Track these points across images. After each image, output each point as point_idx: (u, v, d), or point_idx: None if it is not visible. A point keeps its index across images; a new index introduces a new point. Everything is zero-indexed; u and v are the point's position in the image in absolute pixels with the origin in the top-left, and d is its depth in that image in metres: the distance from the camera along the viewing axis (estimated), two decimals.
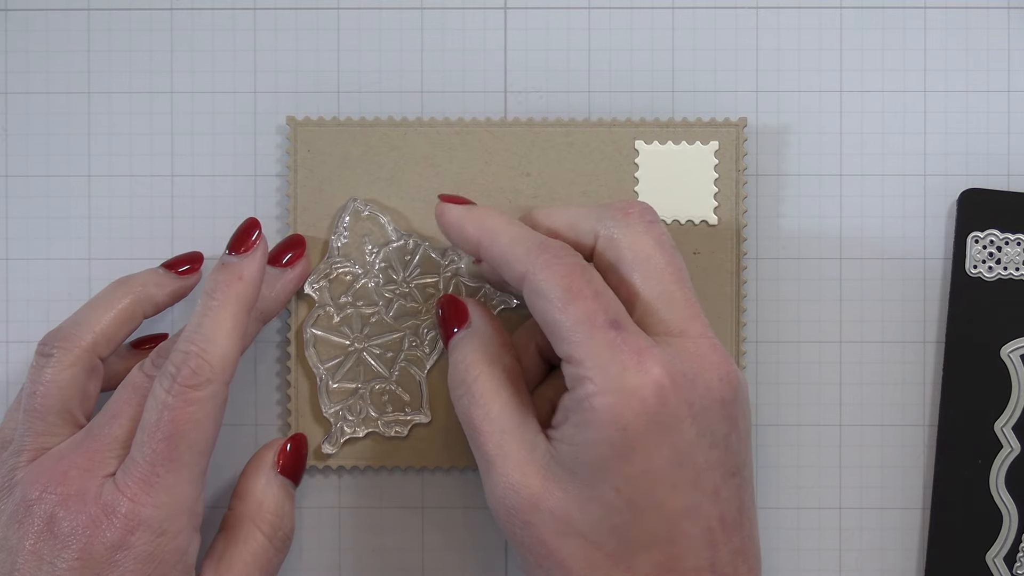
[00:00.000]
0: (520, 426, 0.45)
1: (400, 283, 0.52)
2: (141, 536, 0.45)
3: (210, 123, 0.54)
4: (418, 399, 0.52)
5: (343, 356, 0.52)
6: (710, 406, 0.43)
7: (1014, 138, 0.53)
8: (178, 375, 0.45)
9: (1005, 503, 0.52)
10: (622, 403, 0.42)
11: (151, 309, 0.50)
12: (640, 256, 0.46)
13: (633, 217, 0.46)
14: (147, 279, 0.50)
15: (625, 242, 0.46)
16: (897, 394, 0.53)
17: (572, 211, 0.48)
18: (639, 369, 0.43)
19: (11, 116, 0.54)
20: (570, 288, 0.44)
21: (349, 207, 0.52)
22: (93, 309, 0.49)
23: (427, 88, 0.54)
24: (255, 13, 0.54)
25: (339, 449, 0.52)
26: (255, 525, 0.49)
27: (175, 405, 0.45)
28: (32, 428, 0.47)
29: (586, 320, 0.43)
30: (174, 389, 0.45)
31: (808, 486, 0.53)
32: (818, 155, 0.54)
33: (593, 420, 0.43)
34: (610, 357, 0.43)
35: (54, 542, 0.44)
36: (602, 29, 0.54)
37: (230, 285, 0.47)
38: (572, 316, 0.44)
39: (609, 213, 0.47)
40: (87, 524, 0.44)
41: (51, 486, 0.45)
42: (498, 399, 0.46)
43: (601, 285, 0.45)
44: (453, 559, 0.53)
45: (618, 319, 0.44)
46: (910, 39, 0.54)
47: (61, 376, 0.47)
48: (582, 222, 0.47)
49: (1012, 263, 0.52)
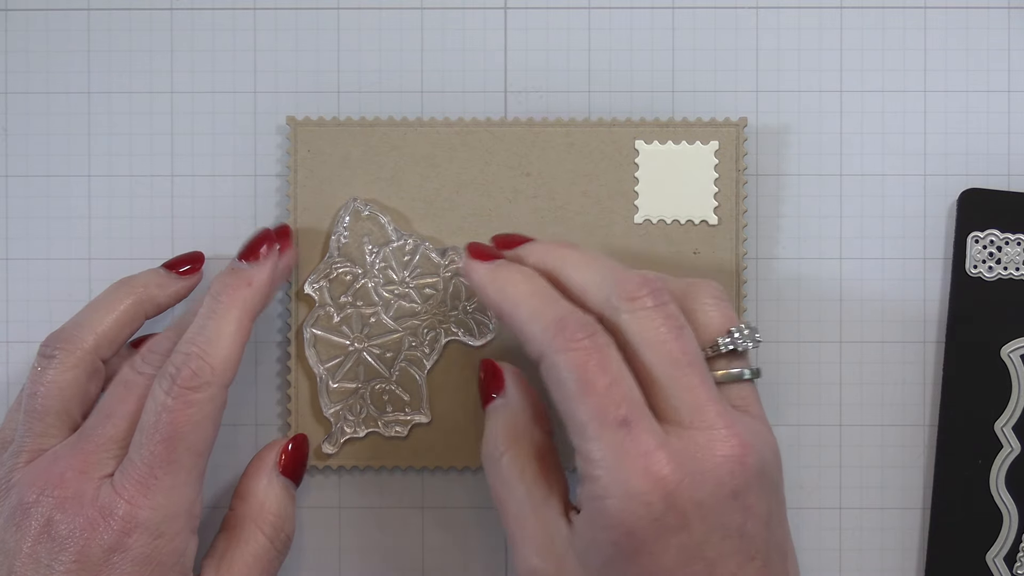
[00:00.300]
0: (543, 508, 0.45)
1: (400, 283, 0.52)
2: (138, 538, 0.45)
3: (210, 123, 0.54)
4: (418, 399, 0.52)
5: (343, 356, 0.52)
6: (720, 501, 0.43)
7: (1014, 138, 0.53)
8: (178, 376, 0.45)
9: (1005, 503, 0.52)
10: (628, 508, 0.42)
11: (153, 310, 0.50)
12: (648, 342, 0.44)
13: (640, 302, 0.45)
14: (148, 280, 0.50)
15: (633, 327, 0.45)
16: (897, 394, 0.53)
17: (583, 276, 0.46)
18: (645, 473, 0.42)
19: (11, 116, 0.54)
20: (583, 378, 0.43)
21: (349, 207, 0.52)
22: (95, 310, 0.49)
23: (427, 88, 0.54)
24: (255, 13, 0.54)
25: (339, 449, 0.52)
26: (257, 526, 0.49)
27: (174, 407, 0.45)
28: (32, 429, 0.47)
29: (597, 416, 0.43)
30: (173, 391, 0.45)
31: (808, 486, 0.53)
32: (818, 155, 0.54)
33: (600, 522, 0.43)
34: (617, 460, 0.42)
35: (51, 544, 0.44)
36: (602, 29, 0.54)
37: (237, 289, 0.47)
38: (584, 411, 0.43)
39: (617, 293, 0.45)
40: (84, 526, 0.44)
41: (48, 488, 0.45)
42: (523, 480, 0.46)
43: (617, 371, 0.44)
44: (453, 559, 0.53)
45: (629, 415, 0.43)
46: (910, 39, 0.54)
47: (63, 378, 0.47)
48: (591, 294, 0.46)
49: (1012, 263, 0.52)
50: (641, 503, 0.42)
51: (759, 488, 0.44)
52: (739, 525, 0.43)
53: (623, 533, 0.42)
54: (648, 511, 0.42)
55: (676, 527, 0.42)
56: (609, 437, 0.42)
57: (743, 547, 0.43)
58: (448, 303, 0.52)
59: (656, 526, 0.42)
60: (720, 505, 0.43)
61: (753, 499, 0.43)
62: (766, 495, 0.44)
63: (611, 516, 0.42)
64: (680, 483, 0.42)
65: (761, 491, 0.44)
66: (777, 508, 0.45)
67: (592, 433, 0.43)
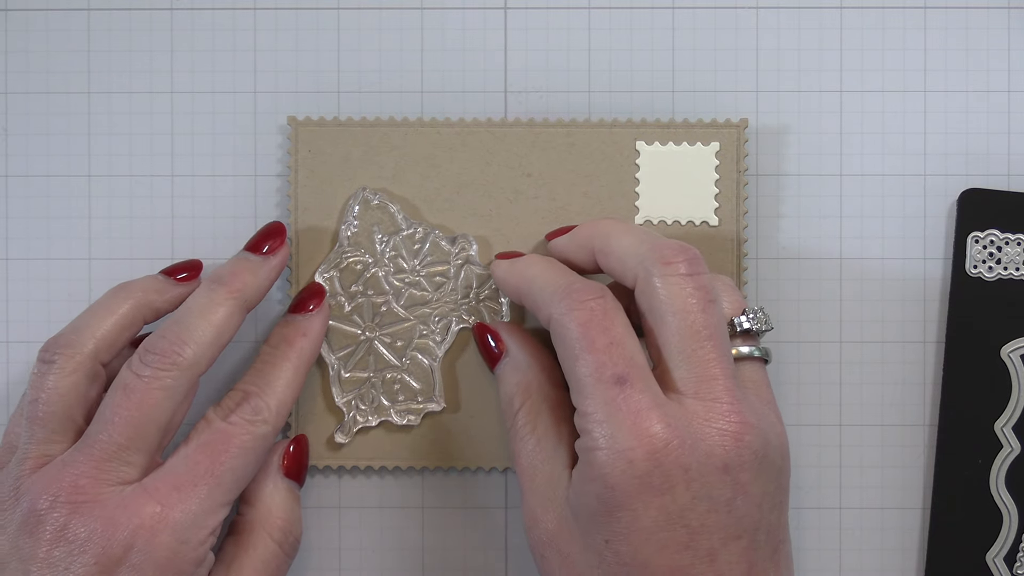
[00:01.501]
0: (550, 461, 0.47)
1: (410, 271, 0.52)
2: (165, 539, 0.45)
3: (210, 123, 0.54)
4: (430, 387, 0.52)
5: (355, 345, 0.52)
6: (710, 471, 0.43)
7: (1014, 138, 0.53)
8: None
9: (1005, 503, 0.52)
10: (612, 462, 0.43)
11: (151, 315, 0.50)
12: (673, 309, 0.45)
13: (675, 267, 0.45)
14: (147, 285, 0.50)
15: (662, 292, 0.45)
16: (897, 394, 0.53)
17: (624, 242, 0.47)
18: (634, 430, 0.43)
19: (11, 116, 0.54)
20: (585, 336, 0.44)
21: (359, 196, 0.52)
22: (94, 315, 0.49)
23: (427, 88, 0.54)
24: (255, 13, 0.54)
25: (352, 438, 0.52)
26: (265, 531, 0.49)
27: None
28: (35, 436, 0.47)
29: (594, 372, 0.44)
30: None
31: (808, 486, 0.53)
32: (818, 155, 0.54)
33: (589, 474, 0.44)
34: (608, 414, 0.43)
35: (68, 547, 0.44)
36: (602, 29, 0.54)
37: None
38: (583, 367, 0.44)
39: (653, 256, 0.46)
40: (105, 526, 0.44)
41: (61, 495, 0.45)
42: (535, 432, 0.47)
43: (620, 332, 0.45)
44: (453, 559, 0.53)
45: (625, 374, 0.44)
46: (910, 39, 0.54)
47: (63, 383, 0.47)
48: (628, 258, 0.47)
49: (1012, 263, 0.52)
50: (625, 459, 0.43)
51: (756, 468, 0.44)
52: (727, 500, 0.43)
53: (606, 486, 0.43)
54: (631, 467, 0.43)
55: (659, 488, 0.43)
56: (603, 392, 0.44)
57: (729, 523, 0.43)
58: (459, 291, 0.52)
59: (638, 483, 0.43)
60: (708, 475, 0.43)
61: (747, 477, 0.44)
62: (763, 478, 0.44)
63: (597, 468, 0.43)
64: (668, 444, 0.43)
65: (759, 472, 0.44)
66: (775, 494, 0.45)
67: (588, 390, 0.44)
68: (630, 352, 0.44)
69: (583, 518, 0.44)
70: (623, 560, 0.43)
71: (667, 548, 0.43)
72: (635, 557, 0.43)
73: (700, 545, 0.43)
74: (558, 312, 0.45)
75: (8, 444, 0.49)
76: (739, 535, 0.43)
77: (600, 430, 0.43)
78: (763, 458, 0.44)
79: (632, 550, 0.43)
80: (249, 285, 0.49)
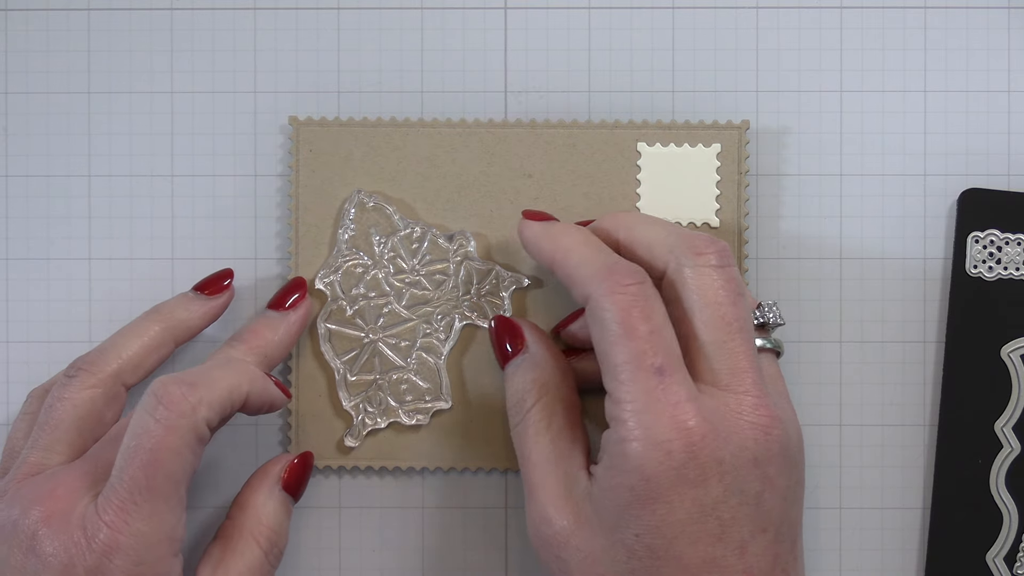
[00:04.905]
0: (565, 459, 0.46)
1: (410, 271, 0.52)
2: (120, 563, 0.43)
3: (210, 123, 0.54)
4: (437, 386, 0.52)
5: (359, 349, 0.52)
6: (742, 465, 0.43)
7: (1014, 138, 0.54)
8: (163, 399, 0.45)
9: (1005, 503, 0.52)
10: (650, 453, 0.43)
11: (184, 334, 0.50)
12: (704, 300, 0.45)
13: (706, 258, 0.46)
14: (176, 304, 0.50)
15: (693, 283, 0.45)
16: (897, 394, 0.53)
17: (652, 232, 0.47)
18: (672, 422, 0.43)
19: (11, 116, 0.54)
20: (626, 322, 0.44)
21: (354, 199, 0.52)
22: (122, 336, 0.49)
23: (427, 88, 0.54)
24: (255, 13, 0.54)
25: (362, 441, 0.52)
26: (253, 538, 0.48)
27: (155, 431, 0.44)
28: (38, 442, 0.47)
29: (633, 360, 0.43)
30: (159, 412, 0.44)
31: (808, 486, 0.53)
32: (818, 155, 0.54)
33: (621, 465, 0.43)
34: (647, 404, 0.43)
35: (36, 561, 0.44)
36: (602, 29, 0.54)
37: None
38: (622, 353, 0.44)
39: (684, 246, 0.46)
40: (68, 545, 0.44)
41: (36, 503, 0.44)
42: (550, 431, 0.47)
43: (660, 321, 0.44)
44: (453, 559, 0.53)
45: (665, 364, 0.43)
46: (910, 39, 0.54)
47: (78, 396, 0.47)
48: (657, 247, 0.47)
49: (1012, 263, 0.52)
50: (663, 450, 0.42)
51: (781, 462, 0.44)
52: (757, 493, 0.44)
53: (641, 478, 0.43)
54: (669, 459, 0.42)
55: (694, 480, 0.43)
56: (642, 382, 0.43)
57: (758, 516, 0.44)
58: (460, 288, 0.52)
59: (674, 475, 0.42)
60: (740, 468, 0.43)
61: (774, 471, 0.44)
62: (787, 471, 0.45)
63: (632, 459, 0.43)
64: (704, 437, 0.43)
65: (783, 466, 0.44)
66: (795, 487, 0.45)
67: (626, 376, 0.43)
68: (668, 342, 0.44)
69: (610, 513, 0.44)
70: (656, 554, 0.43)
71: (700, 541, 0.43)
72: (668, 550, 0.43)
73: (731, 537, 0.43)
74: (598, 292, 0.45)
75: (10, 450, 0.49)
76: (765, 528, 0.44)
77: (636, 419, 0.43)
78: (786, 452, 0.44)
79: (666, 543, 0.43)
80: (269, 342, 0.50)
